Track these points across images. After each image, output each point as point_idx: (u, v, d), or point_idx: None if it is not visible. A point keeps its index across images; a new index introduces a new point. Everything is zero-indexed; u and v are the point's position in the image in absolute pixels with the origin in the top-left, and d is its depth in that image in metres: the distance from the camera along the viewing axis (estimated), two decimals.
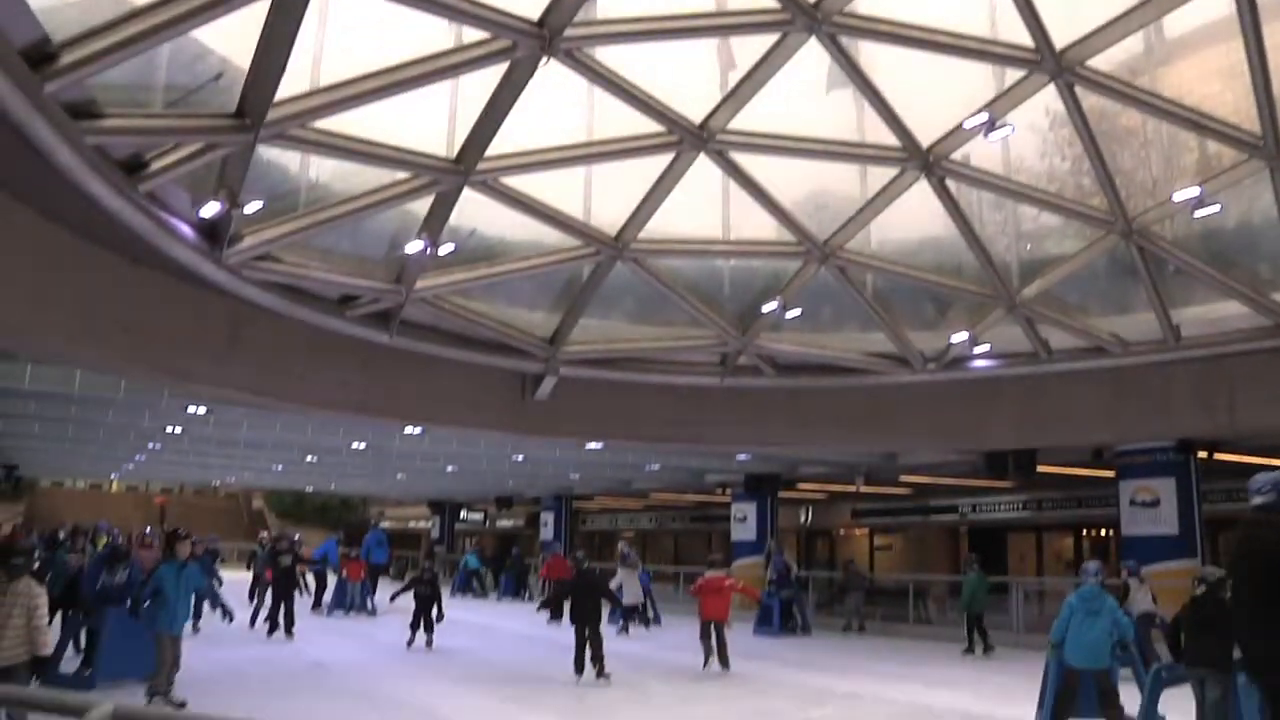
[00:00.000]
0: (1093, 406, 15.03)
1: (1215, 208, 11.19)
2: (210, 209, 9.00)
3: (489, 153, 10.01)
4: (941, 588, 23.05)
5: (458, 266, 12.21)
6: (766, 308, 13.74)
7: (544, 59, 8.60)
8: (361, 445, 22.56)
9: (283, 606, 16.52)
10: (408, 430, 18.57)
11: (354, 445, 22.52)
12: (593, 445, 19.91)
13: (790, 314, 13.77)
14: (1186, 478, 16.22)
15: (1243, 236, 12.41)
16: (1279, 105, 9.59)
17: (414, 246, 10.96)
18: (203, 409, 16.50)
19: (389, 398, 14.09)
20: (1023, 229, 13.68)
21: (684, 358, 15.42)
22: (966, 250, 12.78)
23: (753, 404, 16.20)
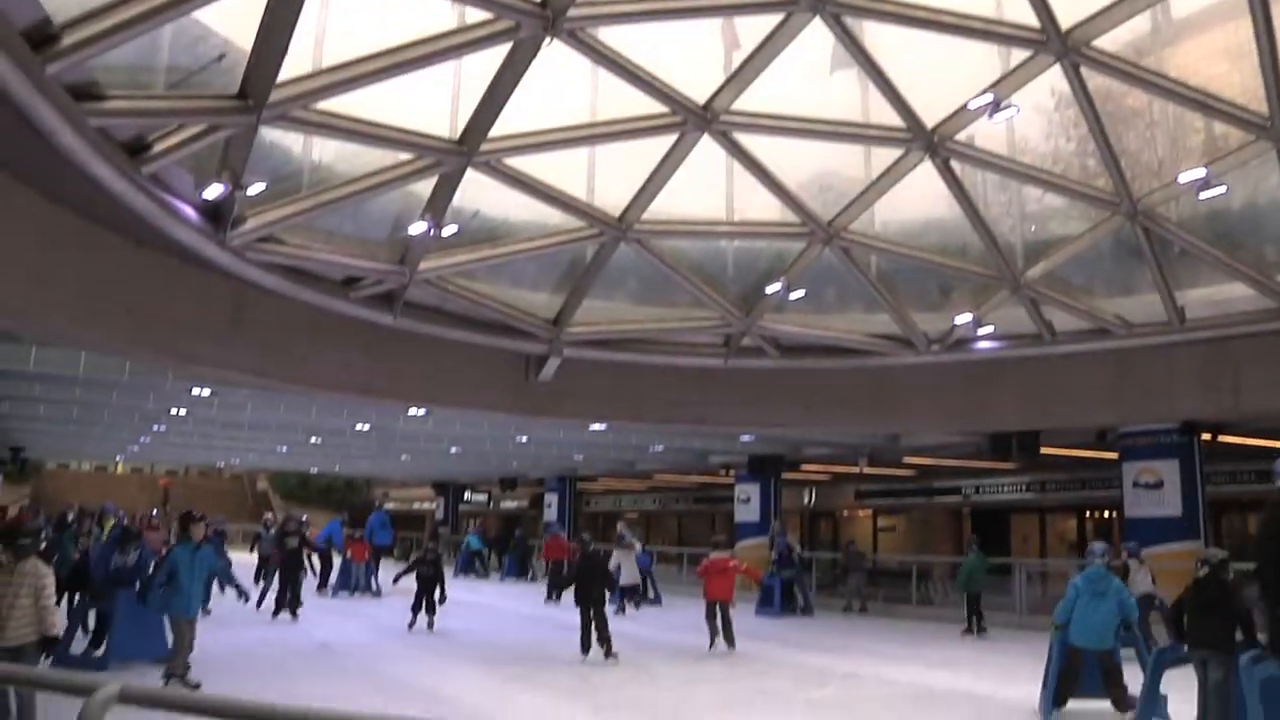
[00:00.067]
0: (1097, 388, 15.05)
1: (1221, 189, 11.16)
2: (213, 191, 9.00)
3: (492, 134, 10.00)
4: (944, 569, 23.10)
5: (461, 248, 12.20)
6: (770, 289, 13.74)
7: (547, 39, 8.57)
8: (365, 427, 22.59)
9: (289, 588, 16.60)
10: (412, 411, 18.60)
11: (358, 426, 22.55)
12: (596, 426, 19.94)
13: (794, 295, 13.77)
14: (1190, 460, 16.19)
15: (1248, 218, 12.37)
16: None
17: (417, 228, 10.96)
18: (207, 391, 16.52)
19: (393, 379, 14.12)
20: (1027, 210, 13.65)
21: (688, 339, 15.42)
22: (971, 231, 12.76)
23: (756, 385, 16.21)
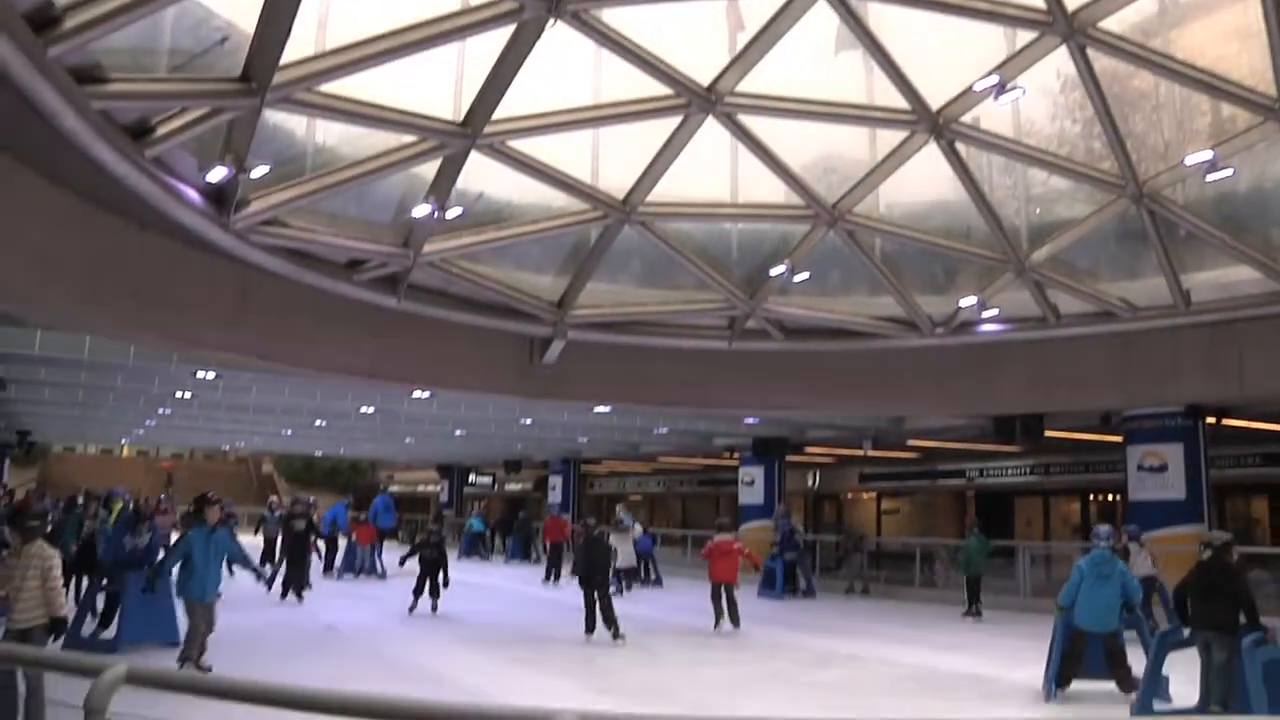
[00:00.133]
0: (1101, 371, 15.03)
1: (1228, 171, 11.09)
2: (217, 174, 8.98)
3: (496, 116, 9.96)
4: (948, 551, 23.15)
5: (465, 230, 12.18)
6: (775, 271, 13.70)
7: (551, 21, 8.51)
8: (370, 409, 22.63)
9: (296, 571, 16.66)
10: (416, 394, 18.61)
11: (362, 409, 22.59)
12: (601, 409, 19.95)
13: (798, 278, 13.73)
14: (1194, 443, 16.18)
15: (1255, 201, 12.30)
16: None
17: (421, 210, 10.94)
18: (211, 374, 16.53)
19: (397, 362, 14.13)
20: (1032, 192, 13.60)
21: (692, 321, 15.40)
22: (976, 214, 12.71)
23: (760, 368, 16.20)
